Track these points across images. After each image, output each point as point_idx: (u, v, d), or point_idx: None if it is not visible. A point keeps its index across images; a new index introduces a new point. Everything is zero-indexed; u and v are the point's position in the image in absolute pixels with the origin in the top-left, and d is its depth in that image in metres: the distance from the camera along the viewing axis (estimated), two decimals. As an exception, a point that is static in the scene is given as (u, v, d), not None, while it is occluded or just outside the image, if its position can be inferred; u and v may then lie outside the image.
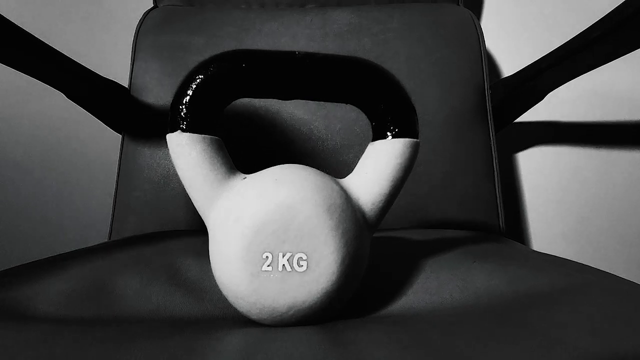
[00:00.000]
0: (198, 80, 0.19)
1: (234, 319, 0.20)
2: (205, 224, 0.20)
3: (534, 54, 0.50)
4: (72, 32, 0.62)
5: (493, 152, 0.48)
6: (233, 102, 0.20)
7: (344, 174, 0.22)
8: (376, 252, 0.28)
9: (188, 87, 0.19)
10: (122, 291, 0.23)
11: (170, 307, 0.22)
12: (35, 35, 0.40)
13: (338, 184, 0.20)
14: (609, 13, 0.36)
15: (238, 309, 0.19)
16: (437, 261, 0.27)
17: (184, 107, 0.19)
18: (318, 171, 0.20)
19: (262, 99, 0.48)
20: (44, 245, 0.66)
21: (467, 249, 0.29)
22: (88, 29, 0.63)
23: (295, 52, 0.20)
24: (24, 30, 0.39)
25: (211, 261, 0.19)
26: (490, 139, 0.48)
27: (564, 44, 0.41)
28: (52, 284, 0.23)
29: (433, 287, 0.23)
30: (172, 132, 0.19)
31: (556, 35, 0.60)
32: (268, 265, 0.17)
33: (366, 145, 0.21)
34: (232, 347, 0.15)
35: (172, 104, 0.20)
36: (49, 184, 0.65)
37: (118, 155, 0.50)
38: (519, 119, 0.56)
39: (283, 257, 0.17)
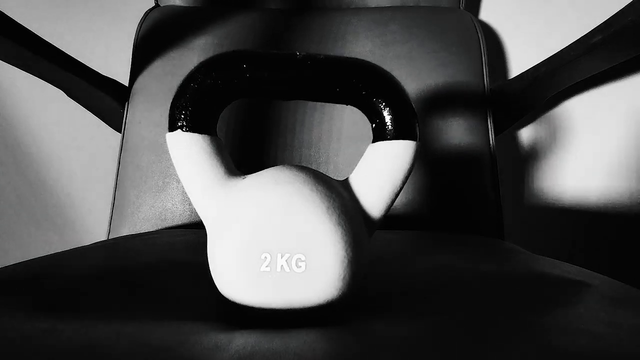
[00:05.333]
0: (198, 80, 0.19)
1: (232, 320, 0.20)
2: (204, 223, 0.20)
3: (540, 55, 0.50)
4: (73, 30, 0.62)
5: (493, 155, 0.48)
6: (233, 102, 0.20)
7: (343, 175, 0.22)
8: (375, 254, 0.28)
9: (188, 86, 0.19)
10: (117, 291, 0.23)
11: (167, 307, 0.22)
12: (37, 34, 0.40)
13: (338, 184, 0.20)
14: (608, 19, 0.36)
15: (236, 310, 0.19)
16: (436, 264, 0.27)
17: (183, 106, 0.19)
18: (318, 172, 0.20)
19: (262, 100, 0.48)
20: (43, 244, 0.66)
21: (466, 252, 0.29)
22: (89, 28, 0.63)
23: (295, 53, 0.20)
24: (25, 28, 0.39)
25: (209, 261, 0.19)
26: (490, 141, 0.49)
27: (563, 48, 0.41)
28: (48, 282, 0.23)
29: (432, 290, 0.23)
30: (172, 131, 0.19)
31: (563, 35, 0.60)
32: (266, 266, 0.17)
33: (366, 147, 0.21)
34: (230, 349, 0.15)
35: (172, 103, 0.20)
36: (49, 183, 0.65)
37: (118, 154, 0.50)
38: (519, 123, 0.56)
39: (282, 257, 0.17)
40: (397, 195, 0.20)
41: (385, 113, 0.20)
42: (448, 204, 0.46)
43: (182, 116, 0.19)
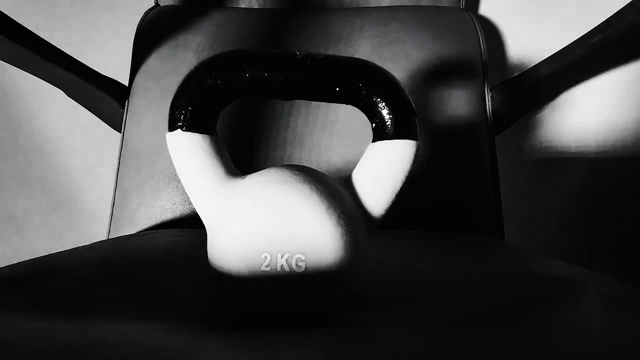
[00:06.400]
0: (198, 80, 0.19)
1: (232, 320, 0.20)
2: (204, 223, 0.20)
3: (540, 52, 0.50)
4: (73, 30, 0.62)
5: (493, 154, 0.48)
6: (233, 102, 0.20)
7: (343, 175, 0.22)
8: (375, 254, 0.28)
9: (188, 86, 0.19)
10: (117, 291, 0.23)
11: (167, 307, 0.22)
12: (37, 34, 0.40)
13: (338, 184, 0.20)
14: (608, 18, 0.36)
15: (236, 310, 0.19)
16: (435, 264, 0.27)
17: (183, 106, 0.19)
18: (317, 171, 0.20)
19: (262, 99, 0.48)
20: (43, 244, 0.66)
21: (466, 252, 0.29)
22: (89, 27, 0.63)
23: (295, 52, 0.20)
24: (25, 27, 0.39)
25: (209, 261, 0.19)
26: (490, 141, 0.48)
27: (563, 48, 0.41)
28: (48, 282, 0.23)
29: (431, 290, 0.23)
30: (172, 131, 0.19)
31: (563, 32, 0.59)
32: (266, 266, 0.17)
33: (366, 146, 0.21)
34: (230, 349, 0.15)
35: (172, 103, 0.20)
36: (49, 183, 0.65)
37: (118, 154, 0.49)
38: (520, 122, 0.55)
39: (282, 257, 0.17)
40: (397, 194, 0.20)
41: (385, 112, 0.20)
42: (448, 204, 0.46)
43: (182, 116, 0.19)
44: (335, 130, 0.47)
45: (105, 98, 0.49)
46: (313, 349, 0.15)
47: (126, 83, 0.51)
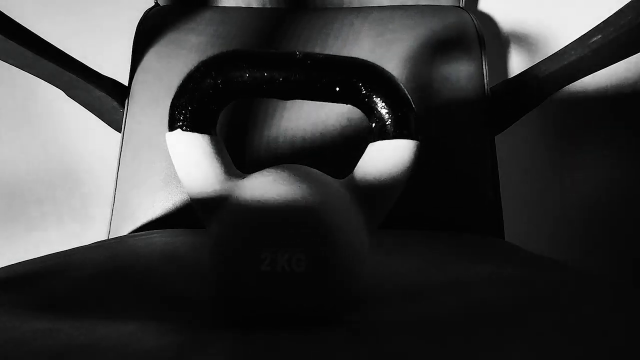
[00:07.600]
0: (198, 80, 0.19)
1: (232, 320, 0.20)
2: (204, 223, 0.20)
3: (540, 50, 0.50)
4: (73, 30, 0.62)
5: (493, 154, 0.48)
6: (233, 102, 0.20)
7: (343, 175, 0.22)
8: (375, 254, 0.28)
9: (188, 86, 0.19)
10: (117, 291, 0.23)
11: (167, 307, 0.22)
12: (37, 34, 0.40)
13: (337, 184, 0.20)
14: (608, 17, 0.36)
15: (236, 310, 0.19)
16: (435, 264, 0.26)
17: (183, 106, 0.19)
18: (317, 171, 0.20)
19: (262, 99, 0.48)
20: (43, 244, 0.66)
21: (466, 251, 0.29)
22: (89, 28, 0.63)
23: (295, 52, 0.20)
24: (25, 27, 0.39)
25: (209, 261, 0.19)
26: (490, 141, 0.48)
27: (563, 47, 0.41)
28: (48, 282, 0.23)
29: (431, 291, 0.23)
30: (172, 131, 0.19)
31: (563, 31, 0.60)
32: (267, 265, 0.17)
33: (366, 146, 0.21)
34: (230, 350, 0.15)
35: (171, 103, 0.20)
36: (48, 183, 0.65)
37: (118, 154, 0.49)
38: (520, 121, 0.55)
39: (282, 257, 0.17)
40: (397, 194, 0.20)
41: (385, 112, 0.20)
42: (448, 204, 0.46)
43: (182, 116, 0.19)
44: (334, 130, 0.47)
45: (105, 98, 0.49)
46: (313, 349, 0.15)
47: (126, 83, 0.51)
